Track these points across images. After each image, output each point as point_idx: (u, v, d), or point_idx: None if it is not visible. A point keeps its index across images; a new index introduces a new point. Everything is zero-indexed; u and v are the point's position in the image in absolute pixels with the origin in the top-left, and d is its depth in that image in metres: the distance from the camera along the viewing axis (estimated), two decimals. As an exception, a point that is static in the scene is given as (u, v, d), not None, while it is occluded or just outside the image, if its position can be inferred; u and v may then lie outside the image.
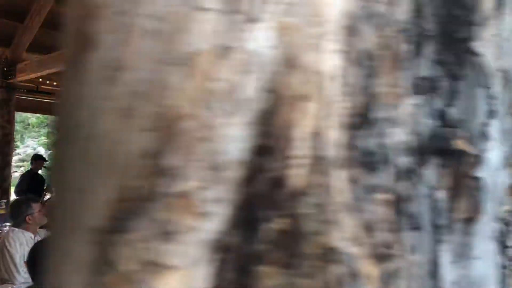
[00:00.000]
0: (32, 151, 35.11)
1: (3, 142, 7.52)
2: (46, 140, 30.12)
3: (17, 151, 33.54)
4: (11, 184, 7.64)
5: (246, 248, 0.35)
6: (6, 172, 7.46)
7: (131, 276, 0.36)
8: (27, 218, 3.48)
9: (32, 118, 28.56)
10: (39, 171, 7.01)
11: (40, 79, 7.68)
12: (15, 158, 37.28)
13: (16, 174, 33.08)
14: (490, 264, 0.44)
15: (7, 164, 7.67)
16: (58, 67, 6.71)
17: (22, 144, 33.68)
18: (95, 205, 0.38)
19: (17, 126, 33.64)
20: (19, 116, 28.91)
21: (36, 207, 3.57)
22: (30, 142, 33.85)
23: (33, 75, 7.19)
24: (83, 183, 0.39)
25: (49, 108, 8.90)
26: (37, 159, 6.97)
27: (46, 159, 7.34)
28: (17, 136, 34.66)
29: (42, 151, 32.73)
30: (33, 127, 30.74)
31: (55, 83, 7.93)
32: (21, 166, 32.51)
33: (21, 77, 7.34)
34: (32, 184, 6.72)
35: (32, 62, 7.12)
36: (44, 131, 30.17)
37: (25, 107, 8.53)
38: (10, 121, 7.68)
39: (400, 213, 0.39)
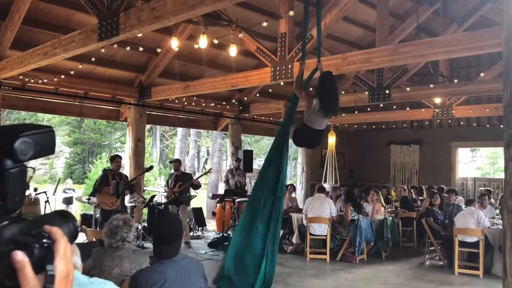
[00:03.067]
0: (57, 149, 35.96)
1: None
2: (69, 139, 30.75)
3: (43, 149, 34.44)
4: None
5: None
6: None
7: None
8: None
9: (54, 118, 29.20)
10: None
11: (23, 77, 7.69)
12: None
13: (39, 172, 33.58)
14: None
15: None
16: (38, 63, 6.69)
17: (49, 142, 34.59)
18: None
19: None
20: (45, 116, 29.64)
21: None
22: (57, 141, 34.73)
23: (14, 72, 7.18)
24: None
25: (39, 106, 8.93)
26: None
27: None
28: (44, 135, 35.45)
29: (66, 149, 33.37)
30: (54, 126, 31.39)
31: (43, 80, 7.91)
32: (45, 164, 33.35)
33: (4, 74, 7.35)
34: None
35: (13, 59, 7.13)
36: (66, 130, 30.80)
37: (13, 104, 8.57)
38: (-4, 119, 7.73)
39: None
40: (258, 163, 28.49)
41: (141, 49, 6.99)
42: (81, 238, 6.82)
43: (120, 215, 3.36)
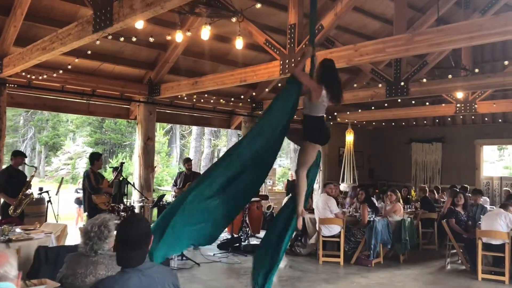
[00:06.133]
0: (80, 149, 36.35)
1: (-7, 137, 7.45)
2: (91, 139, 30.93)
3: (67, 149, 34.70)
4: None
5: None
6: (-4, 167, 7.39)
7: None
8: None
9: (77, 119, 29.43)
10: (19, 167, 6.83)
11: (26, 74, 7.53)
12: (63, 157, 38.17)
13: (62, 172, 33.62)
14: None
15: (-3, 160, 7.58)
16: (38, 59, 6.49)
17: (74, 143, 34.88)
18: None
19: (70, 126, 34.11)
20: (68, 116, 29.80)
21: None
22: (80, 141, 34.98)
23: (17, 69, 7.02)
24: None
25: (47, 104, 8.78)
26: (16, 155, 6.78)
27: (25, 155, 7.15)
28: (69, 135, 35.60)
29: (89, 150, 33.66)
30: (77, 127, 31.66)
31: (43, 76, 7.73)
32: (68, 164, 33.59)
33: (7, 71, 7.20)
34: (11, 179, 6.53)
35: (14, 55, 6.97)
36: (88, 130, 31.00)
37: (20, 103, 8.44)
38: (1, 117, 7.58)
39: None
40: (277, 162, 28.09)
41: (134, 39, 6.70)
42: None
43: (99, 218, 3.02)
